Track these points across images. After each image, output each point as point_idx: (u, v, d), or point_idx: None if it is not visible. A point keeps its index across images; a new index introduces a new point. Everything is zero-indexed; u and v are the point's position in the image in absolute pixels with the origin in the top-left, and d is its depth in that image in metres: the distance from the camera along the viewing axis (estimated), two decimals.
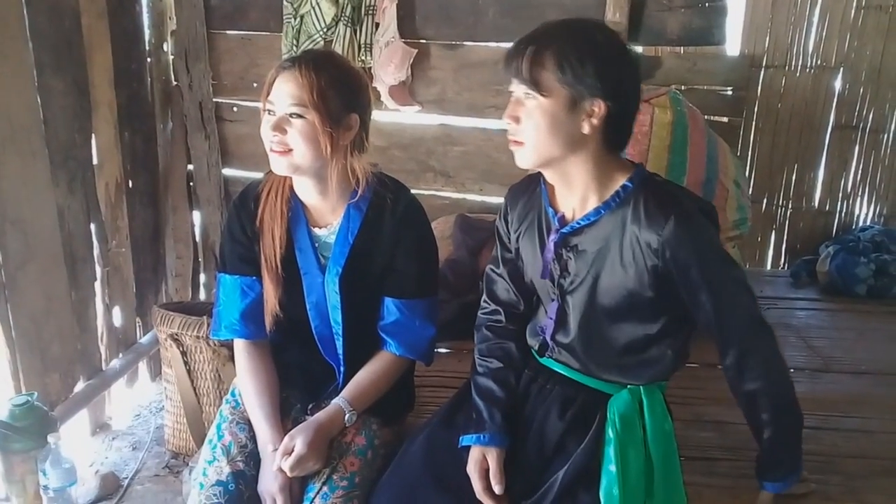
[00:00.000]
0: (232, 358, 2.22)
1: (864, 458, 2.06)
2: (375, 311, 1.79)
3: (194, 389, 2.35)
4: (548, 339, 1.65)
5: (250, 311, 1.80)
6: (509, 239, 1.71)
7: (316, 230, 1.76)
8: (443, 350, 2.62)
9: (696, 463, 1.79)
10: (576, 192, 1.53)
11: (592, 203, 1.52)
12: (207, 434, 1.79)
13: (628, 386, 1.58)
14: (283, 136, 1.61)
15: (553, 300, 1.61)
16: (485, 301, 1.82)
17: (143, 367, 3.00)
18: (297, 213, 1.75)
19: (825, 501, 1.86)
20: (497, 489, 1.58)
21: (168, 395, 2.45)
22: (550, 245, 1.57)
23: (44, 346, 2.34)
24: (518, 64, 1.46)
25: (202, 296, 3.41)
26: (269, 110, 1.63)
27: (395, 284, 1.75)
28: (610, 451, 1.52)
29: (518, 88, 1.48)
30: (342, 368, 1.81)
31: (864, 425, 2.22)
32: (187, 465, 2.30)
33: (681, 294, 1.48)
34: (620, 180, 1.50)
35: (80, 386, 2.55)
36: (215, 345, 2.27)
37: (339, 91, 1.63)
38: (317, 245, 1.76)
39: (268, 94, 1.64)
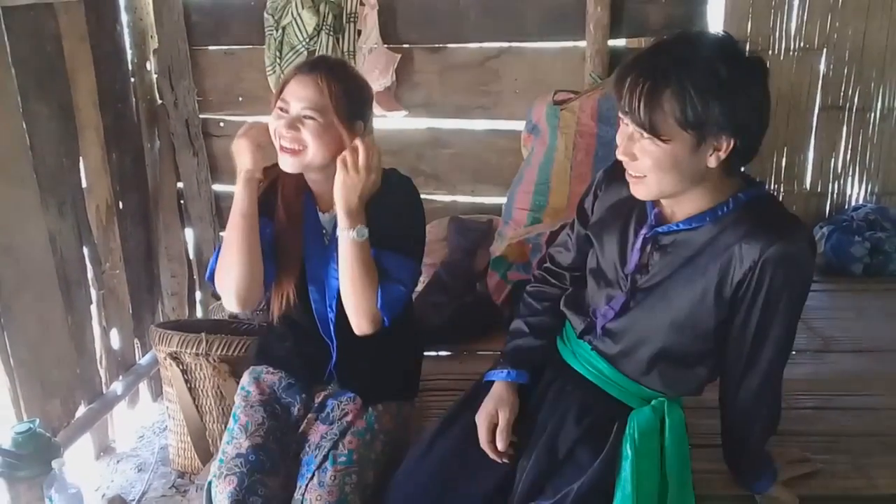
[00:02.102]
0: (233, 373, 2.22)
1: (869, 435, 2.05)
2: None
3: (196, 407, 2.34)
4: (598, 326, 1.62)
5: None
6: (588, 220, 1.68)
7: (321, 213, 1.83)
8: (443, 353, 2.61)
9: (704, 450, 1.78)
10: (682, 203, 1.47)
11: (697, 209, 1.46)
12: (217, 442, 1.83)
13: (653, 402, 1.57)
14: (297, 133, 1.67)
15: (621, 292, 1.56)
16: (545, 267, 1.84)
17: (143, 387, 2.99)
18: (308, 198, 1.84)
19: (833, 480, 1.85)
20: (500, 445, 1.60)
21: (170, 415, 2.44)
22: (639, 239, 1.53)
23: (43, 373, 2.33)
24: (632, 103, 1.33)
25: (199, 313, 3.40)
26: (282, 108, 1.69)
27: (376, 235, 1.72)
28: (626, 468, 1.50)
29: (632, 127, 1.37)
30: (335, 344, 1.86)
31: (868, 403, 2.22)
32: (193, 483, 2.30)
33: (735, 310, 1.46)
34: (733, 192, 1.44)
35: (81, 410, 2.54)
36: (215, 361, 2.27)
37: (351, 100, 1.71)
38: (321, 226, 1.83)
39: (281, 93, 1.71)
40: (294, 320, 1.87)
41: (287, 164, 1.71)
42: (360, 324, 1.73)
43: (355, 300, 1.70)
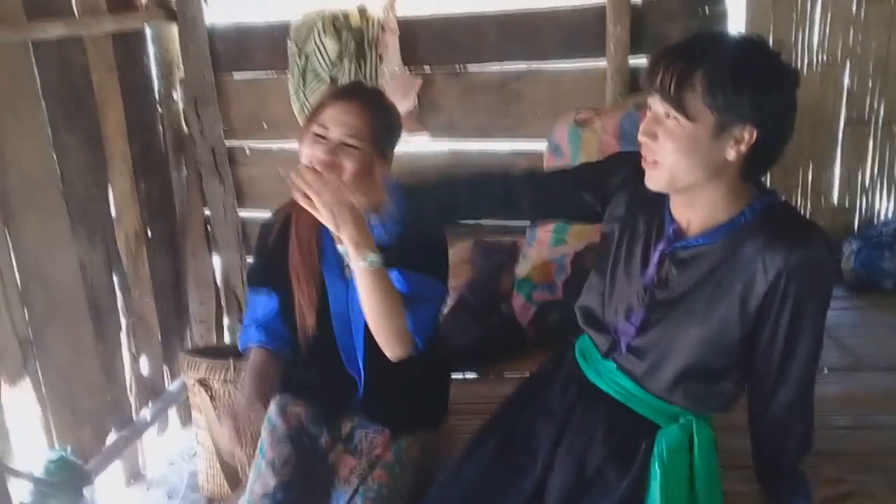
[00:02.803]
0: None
1: None
2: None
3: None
4: (622, 344, 1.58)
5: (268, 323, 1.86)
6: (599, 195, 1.63)
7: (339, 245, 1.76)
8: (469, 376, 2.60)
9: (735, 471, 1.76)
10: (698, 210, 1.46)
11: (714, 221, 1.44)
12: (247, 469, 1.82)
13: (680, 419, 1.55)
14: (337, 159, 1.64)
15: (640, 307, 1.54)
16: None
17: (173, 414, 3.01)
18: (324, 231, 1.78)
19: (868, 500, 1.81)
20: None
21: (199, 441, 2.45)
22: (656, 254, 1.51)
23: (74, 400, 2.36)
24: (663, 80, 1.33)
25: (227, 339, 3.42)
26: (319, 135, 1.66)
27: (400, 257, 1.70)
28: (655, 487, 1.48)
29: (659, 105, 1.37)
30: (363, 379, 1.82)
31: None
32: None
33: (761, 322, 1.44)
34: (748, 201, 1.43)
35: (111, 437, 2.56)
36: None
37: (387, 129, 1.73)
38: (339, 258, 1.79)
39: (316, 118, 1.68)
40: (315, 349, 1.84)
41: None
42: (393, 350, 1.69)
43: (383, 327, 1.67)
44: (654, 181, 1.42)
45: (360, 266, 1.60)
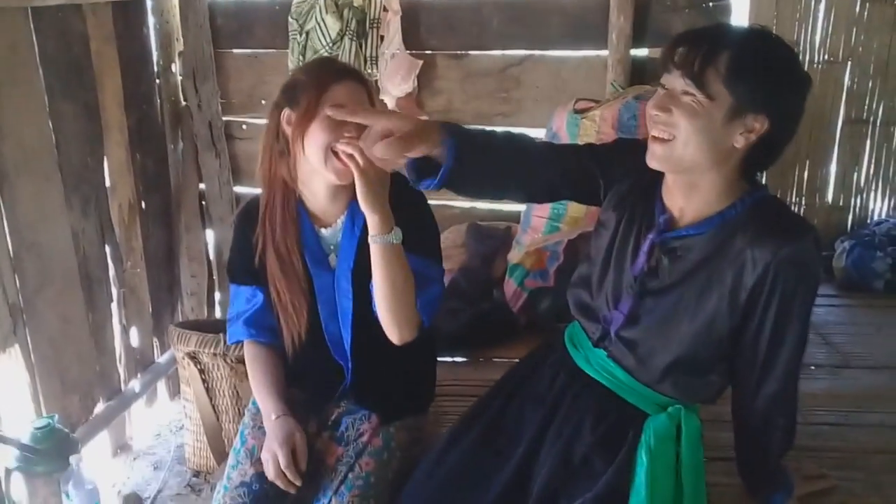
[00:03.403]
0: None
1: (887, 453, 2.03)
2: None
3: (213, 407, 2.36)
4: (612, 332, 1.59)
5: (254, 318, 1.85)
6: (606, 178, 1.61)
7: (322, 230, 1.78)
8: (459, 359, 2.61)
9: (718, 463, 1.77)
10: (693, 198, 1.47)
11: (707, 212, 1.46)
12: (233, 444, 1.81)
13: (668, 408, 1.56)
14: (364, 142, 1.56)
15: (629, 296, 1.55)
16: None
17: (161, 386, 3.01)
18: (302, 218, 1.77)
19: (849, 497, 1.83)
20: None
21: (187, 414, 2.46)
22: (647, 243, 1.52)
23: (63, 369, 2.36)
24: (687, 56, 1.34)
25: (218, 314, 3.43)
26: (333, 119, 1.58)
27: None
28: (641, 475, 1.49)
29: (677, 82, 1.37)
30: (350, 365, 1.81)
31: (886, 420, 2.20)
32: (208, 482, 2.31)
33: (749, 314, 1.45)
34: (740, 195, 1.45)
35: (99, 407, 2.56)
36: (233, 361, 2.29)
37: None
38: (323, 245, 1.78)
39: (321, 100, 1.59)
40: (307, 338, 1.83)
41: (348, 177, 1.59)
42: (401, 332, 1.66)
43: (399, 307, 1.63)
44: (660, 157, 1.42)
45: (385, 241, 1.57)
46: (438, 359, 2.08)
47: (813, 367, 2.55)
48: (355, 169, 1.52)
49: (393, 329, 1.67)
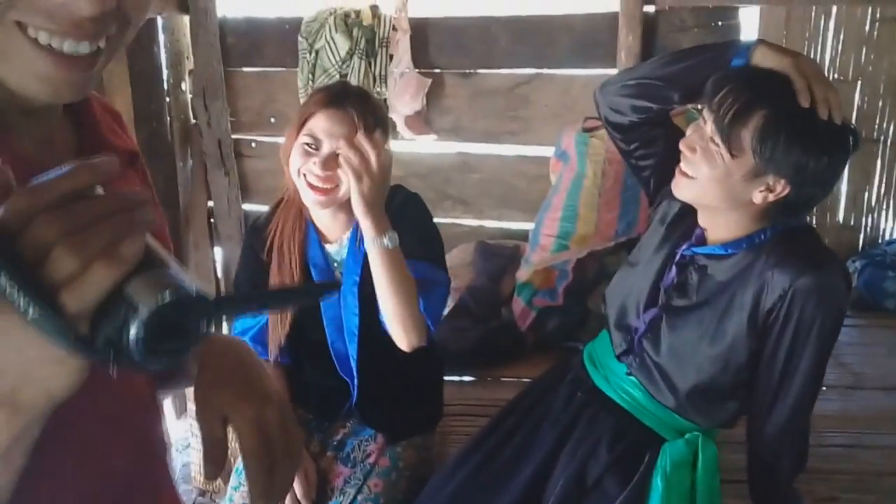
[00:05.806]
0: None
1: None
2: None
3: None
4: (635, 342, 1.58)
5: (260, 335, 1.84)
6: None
7: (327, 247, 1.77)
8: (467, 379, 2.59)
9: (731, 486, 1.75)
10: (719, 225, 1.47)
11: (734, 235, 1.45)
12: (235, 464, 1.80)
13: (686, 435, 1.54)
14: (333, 172, 1.57)
15: (654, 307, 1.54)
16: None
17: (168, 404, 3.00)
18: (310, 234, 1.76)
19: None
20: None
21: (194, 432, 2.45)
22: (678, 254, 1.52)
23: None
24: (722, 104, 1.32)
25: (225, 332, 3.42)
26: (310, 145, 1.59)
27: (402, 249, 1.63)
28: (655, 500, 1.48)
29: (709, 126, 1.36)
30: (356, 382, 1.80)
31: None
32: (214, 502, 2.30)
33: (764, 340, 1.44)
34: (772, 222, 1.44)
35: None
36: None
37: (379, 126, 1.63)
38: (329, 261, 1.77)
39: (303, 126, 1.61)
40: (308, 355, 1.82)
41: (321, 204, 1.61)
42: (409, 337, 1.62)
43: (401, 312, 1.59)
44: (680, 191, 1.44)
45: (381, 246, 1.54)
46: (446, 378, 2.07)
47: (824, 388, 2.51)
48: (351, 173, 1.49)
49: (400, 335, 1.64)
